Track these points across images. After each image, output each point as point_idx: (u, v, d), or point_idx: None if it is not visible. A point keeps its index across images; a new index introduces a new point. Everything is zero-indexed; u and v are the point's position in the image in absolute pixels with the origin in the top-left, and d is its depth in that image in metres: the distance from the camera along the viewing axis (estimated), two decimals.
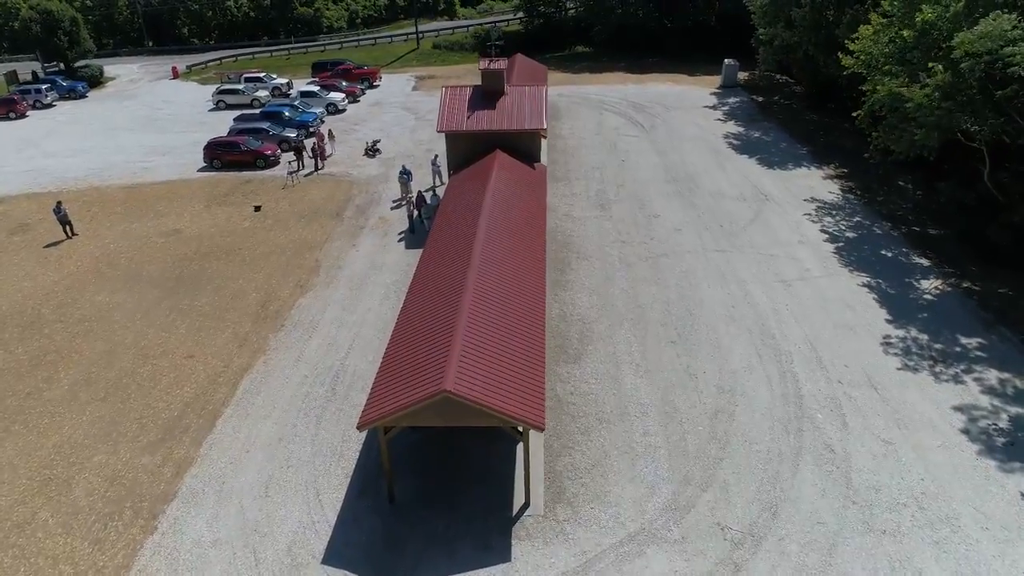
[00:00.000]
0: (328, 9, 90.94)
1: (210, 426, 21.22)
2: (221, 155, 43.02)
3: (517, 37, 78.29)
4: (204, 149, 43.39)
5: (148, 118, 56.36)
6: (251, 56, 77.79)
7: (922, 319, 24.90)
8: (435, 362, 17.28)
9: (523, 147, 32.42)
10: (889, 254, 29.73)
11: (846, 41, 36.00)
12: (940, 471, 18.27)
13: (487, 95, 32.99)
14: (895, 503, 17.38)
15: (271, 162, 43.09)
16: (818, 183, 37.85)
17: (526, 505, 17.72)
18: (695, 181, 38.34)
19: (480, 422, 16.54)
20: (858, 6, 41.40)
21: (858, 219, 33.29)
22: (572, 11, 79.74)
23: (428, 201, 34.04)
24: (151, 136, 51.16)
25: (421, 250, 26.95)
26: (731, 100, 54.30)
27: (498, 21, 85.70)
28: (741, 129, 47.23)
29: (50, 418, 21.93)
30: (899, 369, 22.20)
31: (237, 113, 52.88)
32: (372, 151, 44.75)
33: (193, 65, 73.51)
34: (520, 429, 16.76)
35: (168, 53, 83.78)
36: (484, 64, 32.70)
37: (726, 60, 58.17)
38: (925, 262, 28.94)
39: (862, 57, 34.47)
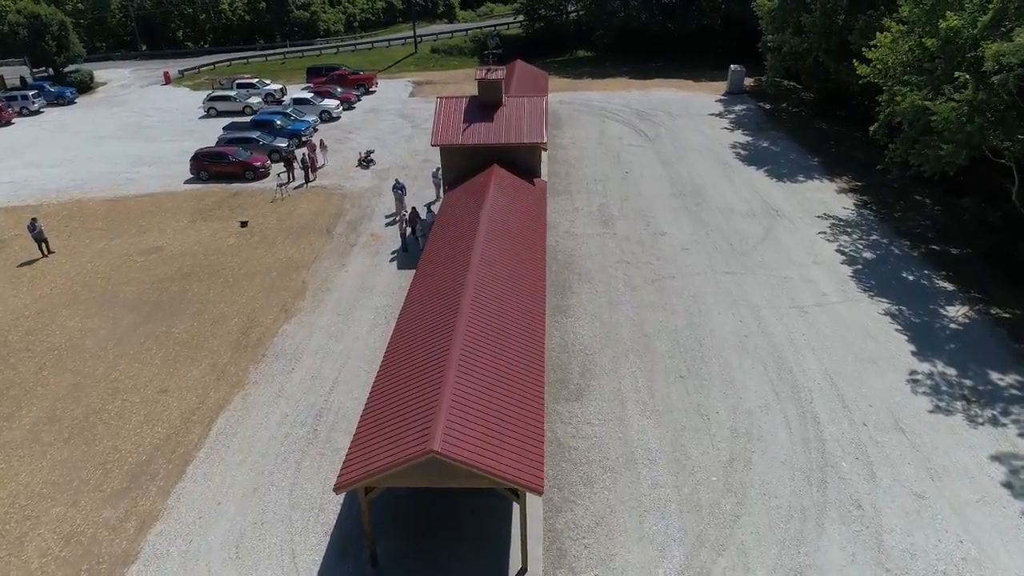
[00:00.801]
0: (325, 12, 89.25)
1: (180, 472, 19.50)
2: (208, 166, 41.34)
3: (517, 41, 76.68)
4: (191, 160, 41.70)
5: (137, 125, 54.68)
6: (245, 61, 76.13)
7: (950, 351, 23.15)
8: (422, 415, 15.57)
9: (522, 162, 30.72)
10: (910, 277, 27.99)
11: (862, 49, 34.23)
12: (981, 532, 16.53)
13: (484, 106, 31.28)
14: (933, 571, 15.64)
15: (260, 174, 41.40)
16: (831, 197, 36.12)
17: (523, 571, 16.00)
18: (702, 195, 36.62)
19: (472, 483, 14.83)
20: (872, 12, 39.67)
21: (875, 237, 31.55)
22: (574, 14, 78.11)
23: (423, 217, 32.33)
24: (138, 145, 49.48)
25: (414, 271, 25.28)
26: (737, 107, 52.59)
27: (498, 24, 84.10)
28: (749, 138, 45.51)
29: (7, 463, 20.22)
30: (929, 411, 20.45)
31: (228, 121, 51.25)
32: (366, 162, 43.06)
33: (186, 70, 71.86)
34: (517, 491, 15.04)
35: (162, 57, 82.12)
36: (481, 74, 31.01)
37: (732, 66, 56.47)
38: (949, 286, 27.19)
39: (879, 66, 32.79)
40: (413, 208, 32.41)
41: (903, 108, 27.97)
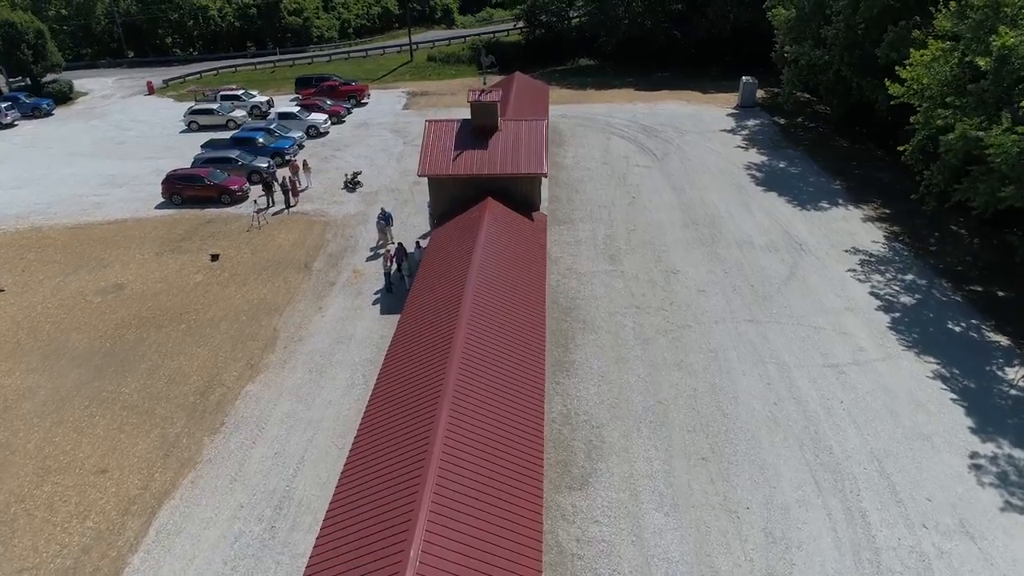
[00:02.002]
0: (318, 18, 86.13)
1: None
2: (181, 190, 38.21)
3: (517, 48, 73.56)
4: (163, 183, 38.55)
5: (113, 141, 51.56)
6: (233, 69, 73.02)
7: (1015, 427, 19.96)
8: (394, 530, 12.56)
9: (520, 194, 27.58)
10: (957, 328, 24.80)
11: (894, 66, 31.09)
12: None
13: (478, 132, 28.13)
14: None
15: (238, 197, 38.27)
16: (858, 227, 32.94)
17: None
18: (717, 225, 33.44)
19: None
20: (902, 24, 36.49)
21: (911, 277, 28.38)
22: (576, 20, 74.96)
23: (410, 252, 29.18)
24: (111, 163, 46.36)
25: (399, 317, 22.21)
26: (750, 123, 49.43)
27: (497, 31, 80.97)
28: (764, 158, 42.34)
29: None
30: (1000, 508, 17.28)
31: (209, 137, 48.18)
32: (352, 184, 39.93)
33: (170, 80, 68.76)
34: None
35: (149, 65, 79.11)
36: (474, 96, 27.84)
37: (744, 78, 53.32)
38: (1003, 339, 24.00)
39: (915, 86, 29.65)
40: (400, 244, 29.22)
41: (952, 140, 24.77)
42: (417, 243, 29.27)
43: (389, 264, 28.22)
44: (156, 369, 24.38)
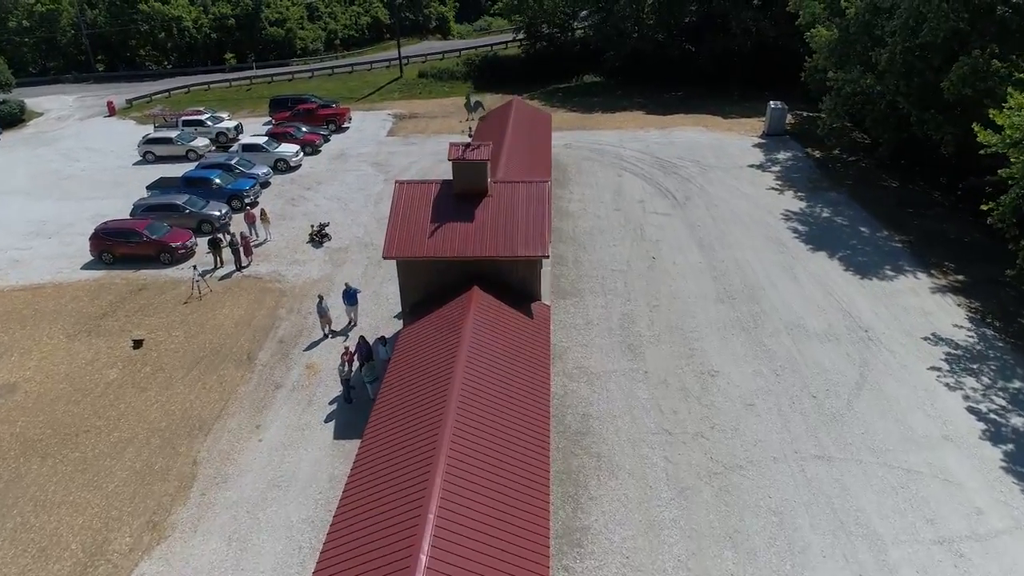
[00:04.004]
0: (302, 29, 79.94)
1: None
2: (113, 247, 32.01)
3: (516, 63, 67.45)
4: (91, 239, 32.31)
5: (56, 174, 45.36)
6: (206, 87, 66.84)
7: None
8: None
9: (516, 281, 21.39)
10: None
11: (991, 112, 24.90)
12: None
13: (462, 198, 21.92)
14: None
15: (180, 256, 32.04)
16: (932, 304, 26.74)
17: None
18: (758, 299, 27.23)
19: None
20: (978, 52, 30.28)
21: (1018, 385, 22.12)
22: (580, 31, 68.84)
23: (377, 349, 22.97)
24: (47, 204, 40.18)
25: (358, 443, 16.31)
26: (781, 155, 43.21)
27: (495, 44, 74.80)
28: (803, 203, 36.12)
29: None
30: None
31: (163, 172, 42.05)
32: (319, 236, 33.72)
33: (135, 99, 62.48)
34: None
35: (118, 80, 72.91)
36: (456, 152, 21.63)
37: (772, 103, 47.11)
38: None
39: (1015, 135, 23.47)
40: (362, 338, 22.96)
41: None
42: (382, 338, 22.95)
43: (347, 368, 21.97)
44: (21, 530, 18.14)
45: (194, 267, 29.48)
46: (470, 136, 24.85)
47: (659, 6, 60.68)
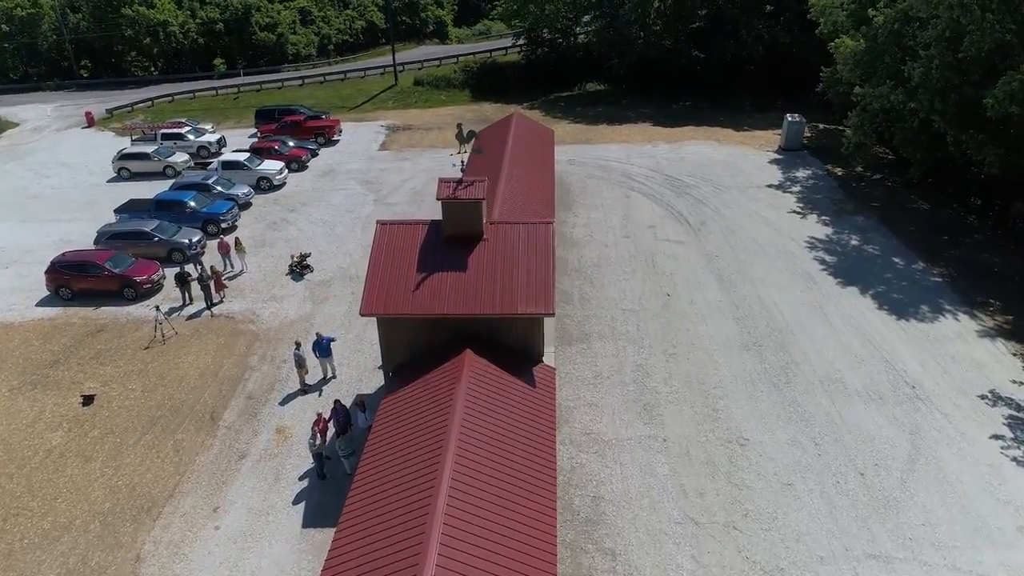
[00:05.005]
0: (294, 34, 76.88)
1: None
2: (71, 281, 29.03)
3: (516, 70, 64.44)
4: (47, 273, 29.32)
5: (24, 193, 42.35)
6: (192, 95, 63.79)
7: None
8: None
9: (515, 340, 18.41)
10: None
11: None
12: None
13: (454, 243, 18.93)
14: None
15: (145, 292, 29.07)
16: (983, 353, 23.76)
17: None
18: (787, 347, 24.25)
19: None
20: None
21: None
22: (583, 37, 65.80)
23: (355, 415, 19.95)
24: (9, 228, 37.17)
25: (331, 534, 13.43)
26: (800, 173, 40.23)
27: (494, 50, 71.81)
28: (828, 229, 33.14)
29: None
30: None
31: (136, 190, 39.06)
32: (299, 268, 30.74)
33: (116, 109, 59.44)
34: None
35: (102, 87, 69.90)
36: (447, 190, 18.63)
37: (788, 116, 44.14)
38: None
39: None
40: (337, 402, 19.94)
41: None
42: (362, 403, 19.91)
43: (321, 440, 18.96)
44: None
45: (156, 307, 26.40)
46: (462, 171, 21.78)
47: (666, 11, 57.80)
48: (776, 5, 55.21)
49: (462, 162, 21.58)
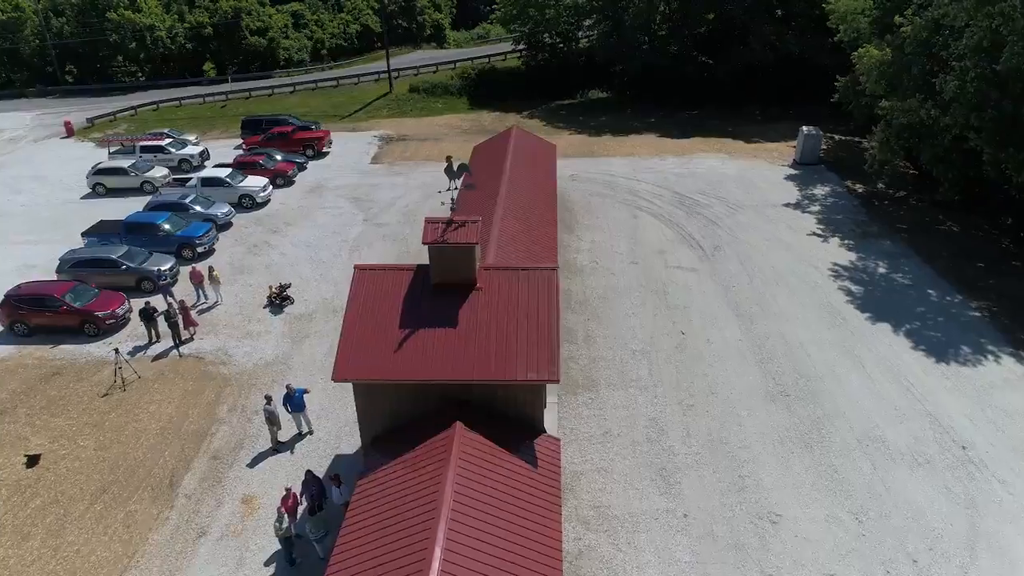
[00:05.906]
0: (286, 38, 74.28)
1: None
2: (27, 316, 26.47)
3: (515, 77, 61.93)
4: (0, 307, 26.77)
5: None
6: (178, 103, 61.17)
7: None
8: None
9: (514, 409, 15.84)
10: None
11: None
12: None
13: (442, 293, 16.37)
14: None
15: (108, 327, 26.51)
16: None
17: None
18: (818, 397, 21.68)
19: None
20: None
21: None
22: (585, 42, 63.18)
23: (330, 490, 17.35)
24: None
25: None
26: (819, 191, 37.64)
27: (493, 55, 69.23)
28: (853, 255, 30.59)
29: None
30: None
31: (107, 210, 36.49)
32: (279, 299, 28.19)
33: (97, 117, 56.88)
34: None
35: (87, 94, 67.20)
36: (435, 234, 16.08)
37: (803, 128, 41.53)
38: None
39: None
40: (309, 473, 17.37)
41: None
42: (337, 477, 17.27)
43: (289, 520, 16.37)
44: None
45: (116, 350, 23.81)
46: (452, 208, 19.22)
47: (672, 15, 55.29)
48: (786, 10, 52.74)
49: (452, 199, 18.99)
